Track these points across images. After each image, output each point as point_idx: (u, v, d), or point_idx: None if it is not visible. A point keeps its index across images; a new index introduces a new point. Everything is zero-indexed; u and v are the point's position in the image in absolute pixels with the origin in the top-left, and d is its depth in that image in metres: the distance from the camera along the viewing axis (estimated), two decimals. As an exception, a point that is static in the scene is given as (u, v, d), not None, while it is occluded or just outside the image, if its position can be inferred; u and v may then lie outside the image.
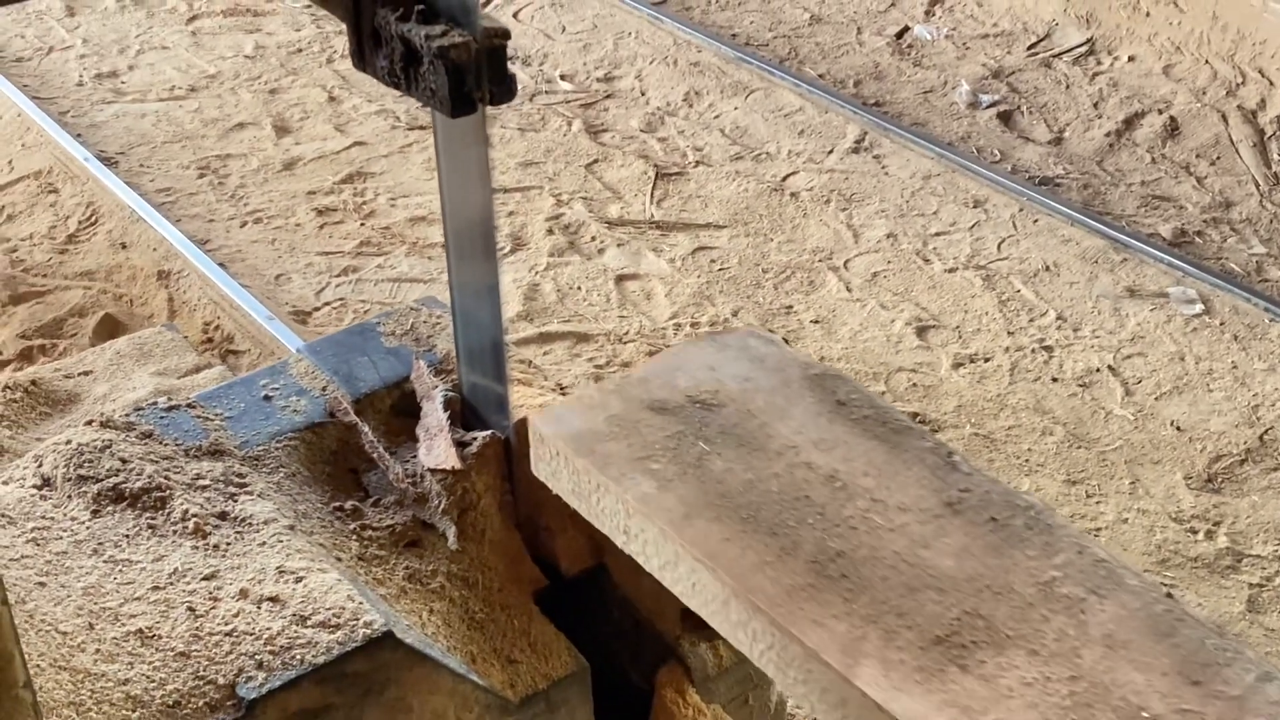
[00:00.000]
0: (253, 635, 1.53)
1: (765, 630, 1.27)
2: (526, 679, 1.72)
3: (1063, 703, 1.15)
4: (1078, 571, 1.29)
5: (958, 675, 1.17)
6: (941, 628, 1.23)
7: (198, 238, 4.05)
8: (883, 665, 1.18)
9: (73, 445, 1.76)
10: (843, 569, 1.29)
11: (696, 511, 1.38)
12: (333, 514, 1.78)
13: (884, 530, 1.35)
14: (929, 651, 1.20)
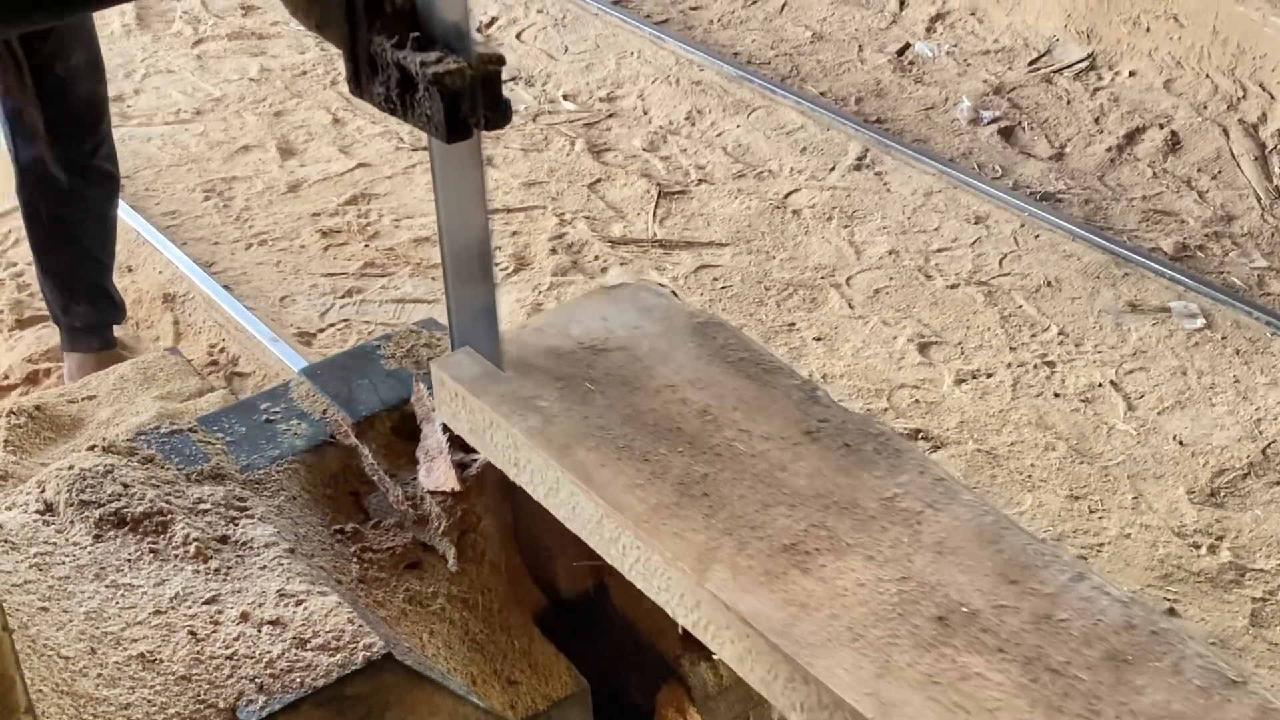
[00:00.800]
0: (253, 659, 1.54)
1: (632, 545, 1.42)
2: (527, 700, 1.73)
3: (891, 600, 1.29)
4: (918, 489, 1.43)
5: (799, 577, 1.32)
6: (789, 538, 1.37)
7: (203, 260, 4.07)
8: (732, 571, 1.33)
9: (75, 470, 1.77)
10: (705, 489, 1.44)
11: (577, 442, 1.52)
12: (333, 537, 1.79)
13: (746, 456, 1.49)
14: (775, 558, 1.35)
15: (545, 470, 1.53)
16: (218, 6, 5.69)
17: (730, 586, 1.32)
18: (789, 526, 1.39)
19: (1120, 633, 1.25)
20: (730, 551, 1.36)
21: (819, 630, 1.26)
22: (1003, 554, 1.34)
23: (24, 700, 1.25)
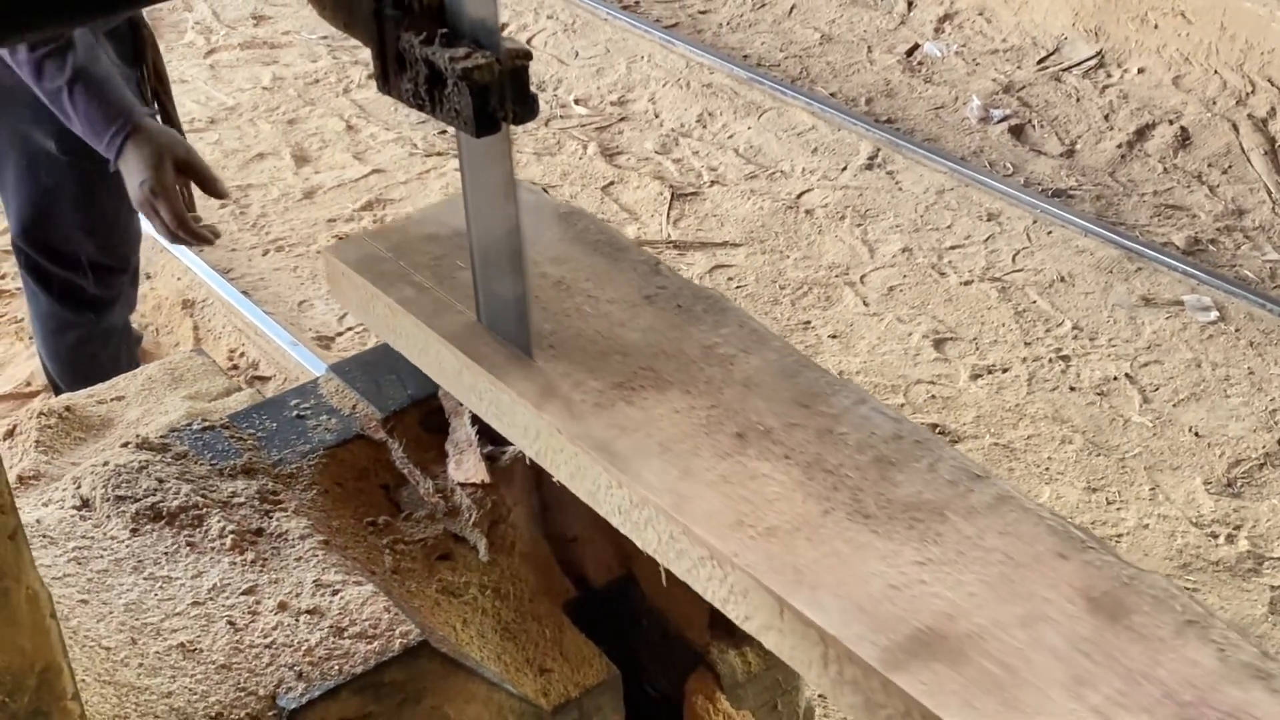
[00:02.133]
0: (292, 647, 1.57)
1: (486, 388, 1.64)
2: (559, 688, 1.75)
3: (699, 422, 1.51)
4: (735, 338, 1.65)
5: (624, 407, 1.54)
6: (619, 379, 1.58)
7: (221, 267, 4.10)
8: (567, 404, 1.55)
9: (110, 466, 1.80)
10: (551, 343, 1.65)
11: (444, 308, 1.72)
12: (365, 529, 1.81)
13: (591, 316, 1.70)
14: (605, 394, 1.56)
15: (416, 333, 1.73)
16: (229, 17, 5.73)
17: (564, 415, 1.53)
18: (620, 369, 1.60)
19: (889, 442, 1.47)
20: (567, 390, 1.57)
21: (634, 446, 1.48)
22: (799, 385, 1.57)
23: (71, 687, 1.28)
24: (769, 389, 1.55)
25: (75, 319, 2.97)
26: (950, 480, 1.40)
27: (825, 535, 1.34)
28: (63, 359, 3.07)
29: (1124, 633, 1.21)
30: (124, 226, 2.92)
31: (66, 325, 2.99)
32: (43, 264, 2.90)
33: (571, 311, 1.70)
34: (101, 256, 2.89)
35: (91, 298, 2.95)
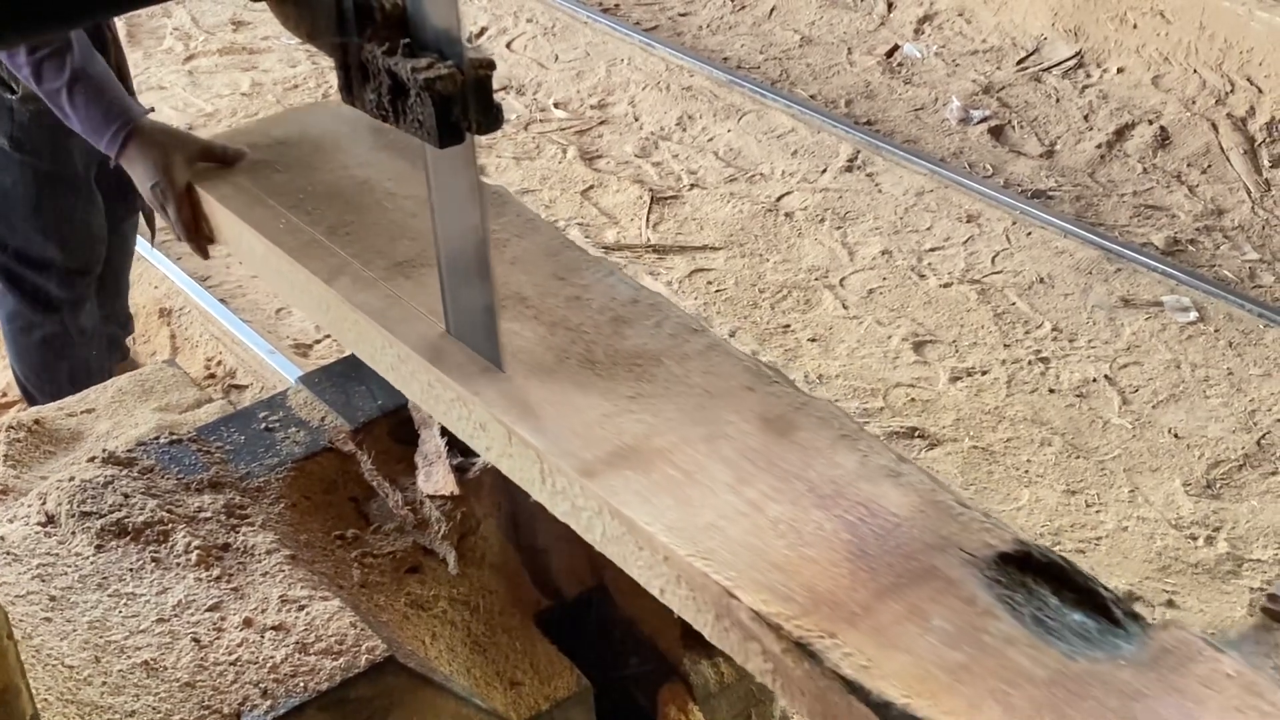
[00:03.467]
0: (257, 664, 1.55)
1: (287, 268, 1.84)
2: (529, 700, 1.74)
3: None
4: (512, 226, 1.87)
5: (402, 281, 1.75)
6: (402, 259, 1.80)
7: (198, 274, 4.08)
8: (354, 279, 1.76)
9: (76, 482, 1.78)
10: (349, 230, 1.86)
11: (257, 202, 1.94)
12: (334, 542, 1.80)
13: (389, 210, 1.91)
14: (389, 270, 1.77)
15: (231, 225, 1.96)
16: (208, 23, 5.70)
17: (349, 288, 1.75)
18: (405, 252, 1.81)
19: (626, 305, 1.71)
20: (357, 268, 1.78)
21: (405, 312, 1.71)
22: (559, 262, 1.79)
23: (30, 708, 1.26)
24: (532, 265, 1.79)
25: (41, 319, 2.98)
26: (671, 334, 1.65)
27: (557, 378, 1.58)
28: (29, 360, 3.08)
29: (787, 445, 1.45)
30: (83, 227, 2.92)
31: (32, 325, 3.00)
32: (8, 263, 2.90)
33: (371, 205, 1.92)
34: (62, 257, 2.90)
35: (56, 299, 2.95)
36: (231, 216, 1.93)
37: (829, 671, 1.19)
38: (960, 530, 1.32)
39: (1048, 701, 1.14)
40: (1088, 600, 1.27)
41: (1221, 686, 1.17)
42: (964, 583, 1.26)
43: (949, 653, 1.19)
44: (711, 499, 1.38)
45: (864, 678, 1.17)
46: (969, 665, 1.17)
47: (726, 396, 1.51)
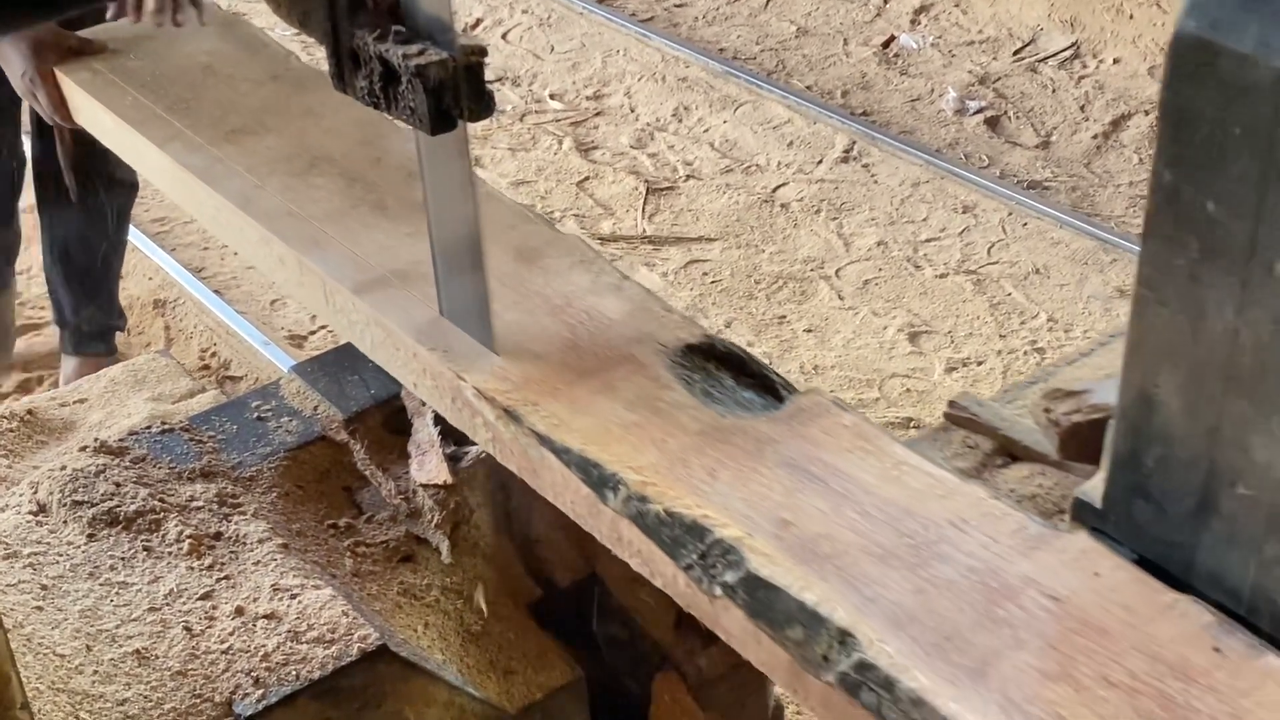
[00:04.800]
0: (249, 653, 1.55)
1: (127, 135, 2.13)
2: (522, 689, 1.74)
3: (283, 154, 1.99)
4: (330, 103, 2.06)
5: (227, 146, 2.01)
6: (232, 128, 2.06)
7: (193, 266, 4.07)
8: (185, 143, 2.03)
9: (67, 471, 1.78)
10: (189, 105, 2.12)
11: (110, 84, 2.21)
12: (327, 531, 1.79)
13: (225, 90, 2.17)
14: (219, 138, 2.03)
15: (87, 103, 2.22)
16: (203, 13, 5.69)
17: (180, 151, 2.01)
18: (234, 122, 2.07)
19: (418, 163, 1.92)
20: (189, 135, 2.04)
21: (227, 170, 1.95)
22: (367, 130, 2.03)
23: (20, 696, 1.26)
24: (345, 134, 2.02)
25: None
26: None
27: (348, 221, 1.83)
28: None
29: (533, 270, 1.73)
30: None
31: None
32: None
33: (210, 86, 2.18)
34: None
35: None
36: (87, 96, 2.22)
37: (527, 430, 1.47)
38: (660, 328, 1.60)
39: (694, 446, 1.42)
40: (760, 383, 1.52)
41: (839, 434, 1.44)
42: (653, 366, 1.54)
43: (627, 414, 1.47)
44: None
45: (554, 433, 1.46)
46: (641, 423, 1.45)
47: (491, 235, 1.69)
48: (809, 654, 1.21)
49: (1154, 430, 1.27)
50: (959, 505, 1.33)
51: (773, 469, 1.39)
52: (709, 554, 1.30)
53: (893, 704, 1.15)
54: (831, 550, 1.28)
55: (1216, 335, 1.21)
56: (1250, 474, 1.23)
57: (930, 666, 1.16)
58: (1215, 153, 1.11)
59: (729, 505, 1.34)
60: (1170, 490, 1.27)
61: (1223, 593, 1.27)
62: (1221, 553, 1.25)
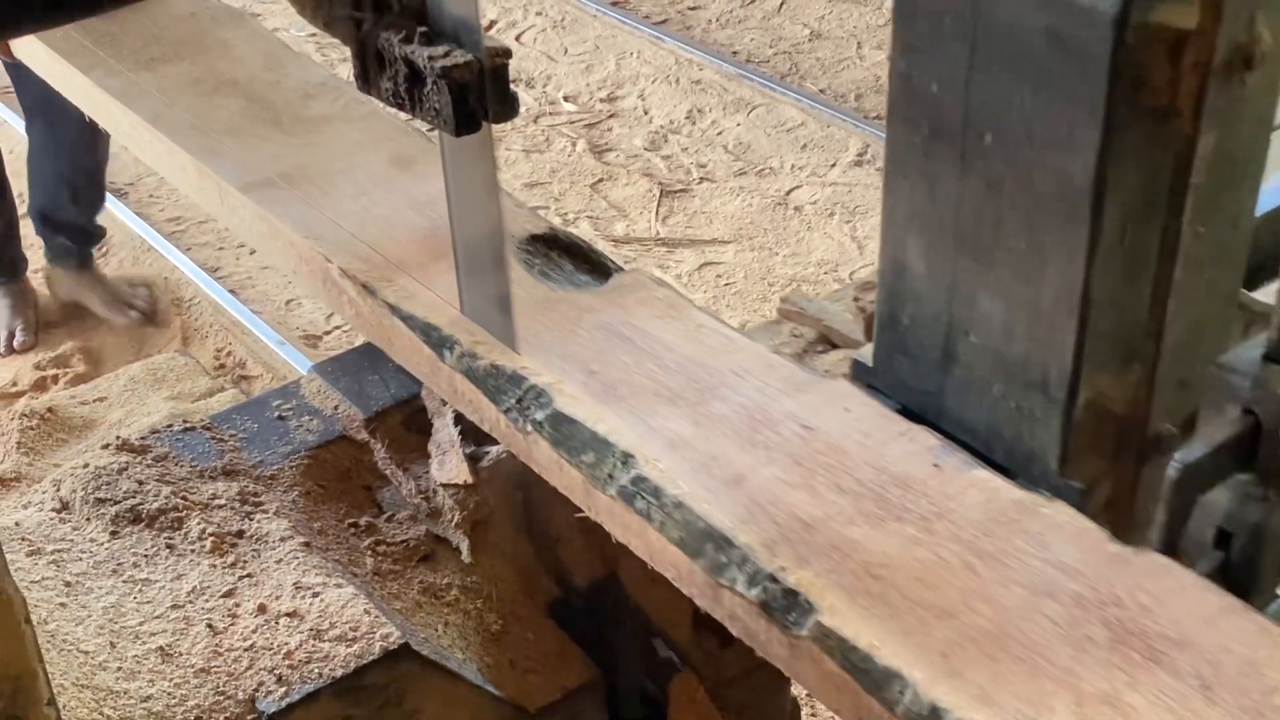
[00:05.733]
0: (271, 650, 1.56)
1: (57, 64, 2.26)
2: (541, 689, 1.75)
3: (192, 79, 2.16)
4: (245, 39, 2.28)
5: (145, 74, 2.17)
6: (151, 57, 2.20)
7: (208, 265, 4.09)
8: (106, 70, 2.17)
9: (90, 469, 1.79)
10: (113, 38, 2.25)
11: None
12: (347, 530, 1.80)
13: (146, 24, 2.28)
14: (137, 67, 2.17)
15: (26, 42, 2.39)
16: (218, 13, 5.72)
17: (101, 76, 2.17)
18: (154, 53, 2.21)
19: (315, 86, 2.13)
20: (112, 63, 2.17)
21: (142, 91, 2.12)
22: (268, 60, 2.19)
23: (46, 692, 1.27)
24: (251, 62, 2.18)
25: None
26: (345, 105, 2.08)
27: (245, 134, 2.02)
28: None
29: (404, 174, 1.93)
30: None
31: None
32: None
33: (135, 22, 2.30)
34: None
35: None
36: (40, 48, 2.38)
37: (381, 301, 1.69)
38: (510, 221, 1.76)
39: (524, 313, 1.63)
40: (595, 267, 1.74)
41: (652, 304, 1.64)
42: None
43: None
44: (332, 206, 1.86)
45: (403, 303, 1.67)
46: (554, 309, 1.66)
47: (373, 145, 1.94)
48: (598, 473, 1.44)
49: (906, 292, 1.48)
50: (743, 358, 1.56)
51: (590, 331, 1.62)
52: (524, 398, 1.53)
53: (660, 509, 1.37)
54: (628, 393, 1.51)
55: (946, 202, 1.41)
56: (979, 324, 1.44)
57: (693, 479, 1.38)
58: (934, 40, 1.31)
59: (546, 359, 1.58)
60: (921, 344, 1.48)
61: (966, 433, 1.49)
62: (962, 397, 1.47)
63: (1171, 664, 1.16)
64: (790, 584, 1.26)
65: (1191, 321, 1.46)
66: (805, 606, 1.24)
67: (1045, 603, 1.23)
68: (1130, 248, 1.37)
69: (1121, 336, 1.41)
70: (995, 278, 1.40)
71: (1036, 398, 1.42)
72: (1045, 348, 1.40)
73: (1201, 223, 1.39)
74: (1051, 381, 1.40)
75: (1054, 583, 1.24)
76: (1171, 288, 1.41)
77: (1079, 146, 1.28)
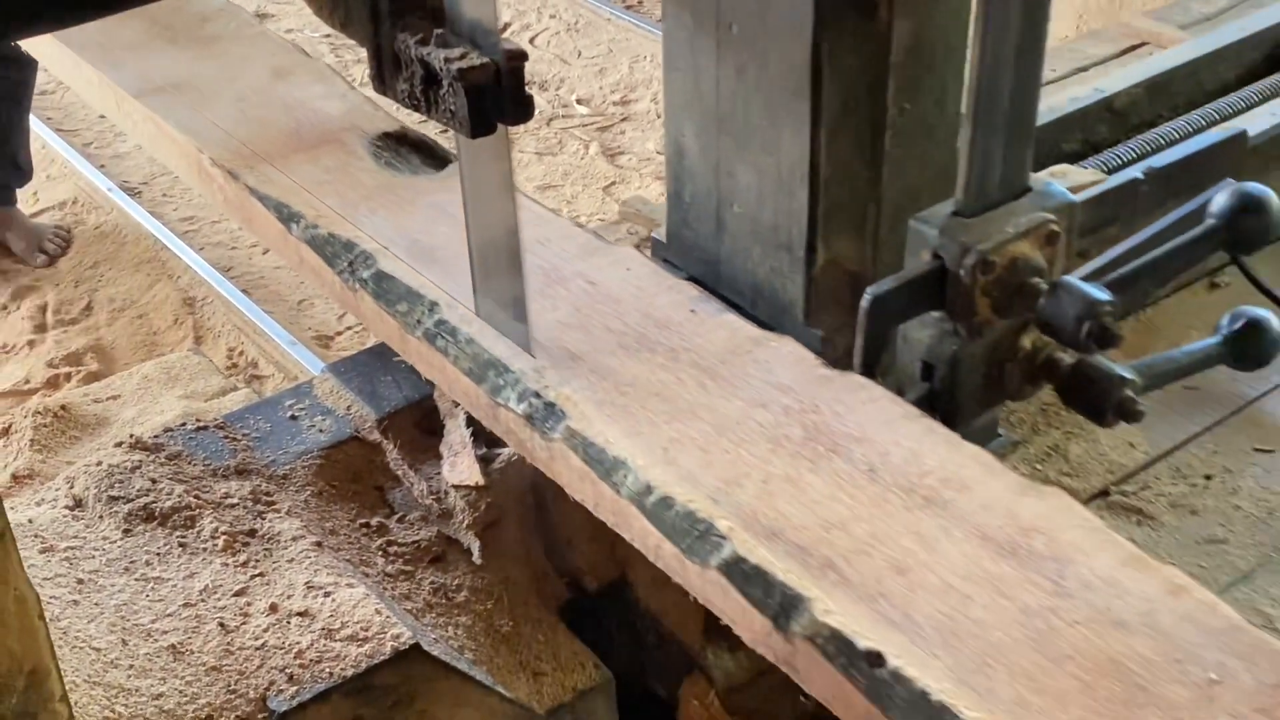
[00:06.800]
0: (283, 649, 1.56)
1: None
2: (552, 691, 1.75)
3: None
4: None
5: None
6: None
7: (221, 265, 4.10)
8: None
9: (103, 467, 1.79)
10: None
11: None
12: (359, 530, 1.81)
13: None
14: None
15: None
16: (232, 14, 5.73)
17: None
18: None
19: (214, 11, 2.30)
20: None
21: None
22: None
23: (59, 689, 1.27)
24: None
25: None
26: (238, 27, 2.25)
27: (143, 50, 2.17)
28: None
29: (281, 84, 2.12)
30: None
31: None
32: None
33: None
34: None
35: None
36: None
37: (244, 185, 1.89)
38: (368, 122, 2.03)
39: (366, 195, 1.86)
40: (440, 161, 1.94)
41: None
42: (353, 145, 1.97)
43: (322, 175, 1.90)
44: (213, 110, 2.05)
45: (262, 186, 1.88)
46: (331, 180, 1.90)
47: (257, 59, 2.11)
48: (409, 320, 1.68)
49: (685, 172, 1.76)
50: (547, 230, 1.79)
51: (421, 209, 1.84)
52: (355, 261, 1.76)
53: (455, 345, 1.62)
54: (444, 256, 1.74)
55: (708, 89, 1.67)
56: (740, 195, 1.74)
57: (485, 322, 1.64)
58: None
59: (378, 230, 1.80)
60: (699, 218, 1.75)
61: (737, 294, 1.76)
62: (731, 262, 1.78)
63: (848, 454, 1.42)
64: (550, 399, 1.51)
65: (906, 189, 1.73)
66: (560, 415, 1.50)
67: (758, 411, 1.48)
68: (851, 125, 1.65)
69: (849, 203, 1.71)
70: (748, 153, 1.70)
71: (784, 258, 1.74)
72: (787, 214, 1.71)
73: (906, 101, 1.67)
74: (794, 243, 1.72)
75: (768, 397, 1.50)
76: (884, 159, 1.69)
77: (799, 33, 1.56)
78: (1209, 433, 2.01)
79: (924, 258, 1.56)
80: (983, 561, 1.29)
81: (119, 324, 3.89)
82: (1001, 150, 1.55)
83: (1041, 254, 1.58)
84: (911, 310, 1.57)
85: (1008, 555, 1.30)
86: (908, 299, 1.56)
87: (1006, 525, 1.32)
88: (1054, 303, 1.55)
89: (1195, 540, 1.84)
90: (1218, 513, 1.88)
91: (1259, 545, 1.83)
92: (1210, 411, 2.04)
